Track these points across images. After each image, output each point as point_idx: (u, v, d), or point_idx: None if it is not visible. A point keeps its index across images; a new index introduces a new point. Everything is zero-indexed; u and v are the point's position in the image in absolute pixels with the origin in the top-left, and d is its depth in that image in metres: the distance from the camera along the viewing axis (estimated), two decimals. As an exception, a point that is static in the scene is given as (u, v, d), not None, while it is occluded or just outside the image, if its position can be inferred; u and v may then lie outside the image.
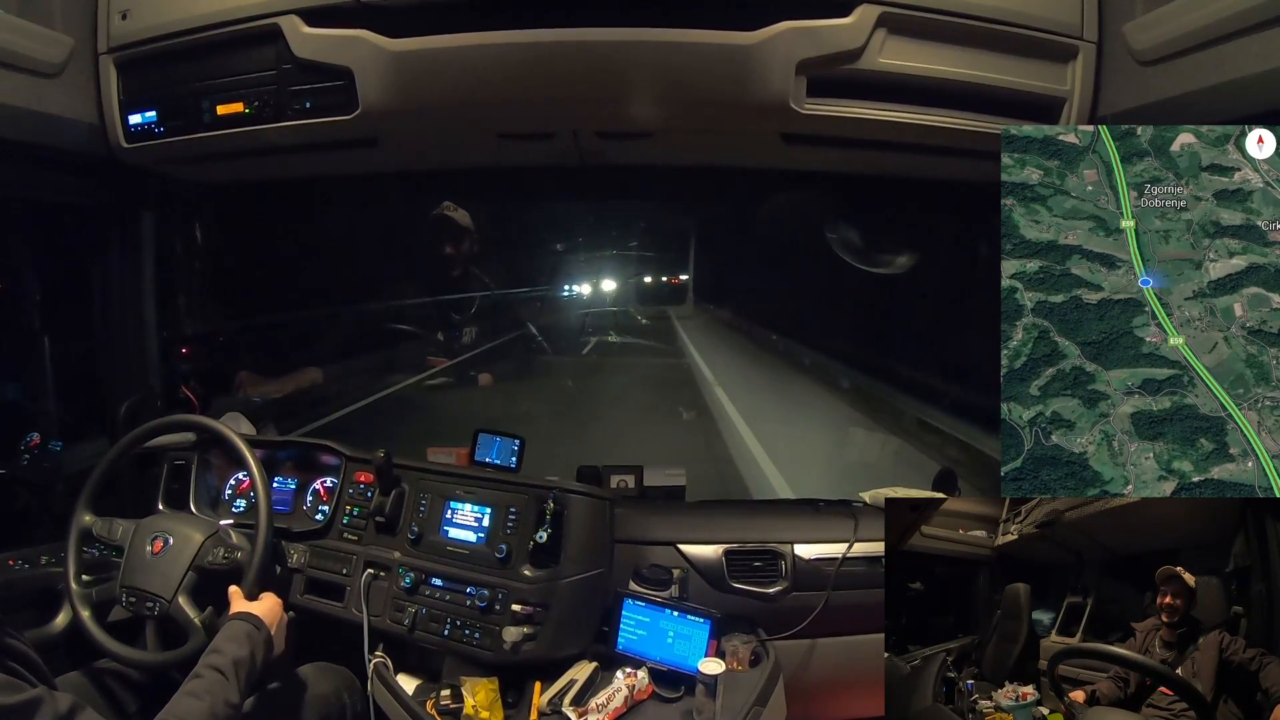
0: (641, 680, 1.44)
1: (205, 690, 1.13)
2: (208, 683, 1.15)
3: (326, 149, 1.74)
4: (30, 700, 0.92)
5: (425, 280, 3.09)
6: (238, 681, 1.18)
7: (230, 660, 1.19)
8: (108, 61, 1.66)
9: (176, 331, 2.18)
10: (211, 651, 1.22)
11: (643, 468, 2.02)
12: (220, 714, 1.12)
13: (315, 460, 1.79)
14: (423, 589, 1.55)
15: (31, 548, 1.66)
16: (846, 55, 1.46)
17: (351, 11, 1.49)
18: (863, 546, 1.68)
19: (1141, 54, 1.42)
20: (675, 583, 1.62)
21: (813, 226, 2.68)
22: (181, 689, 1.14)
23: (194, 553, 1.46)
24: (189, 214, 2.24)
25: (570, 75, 1.47)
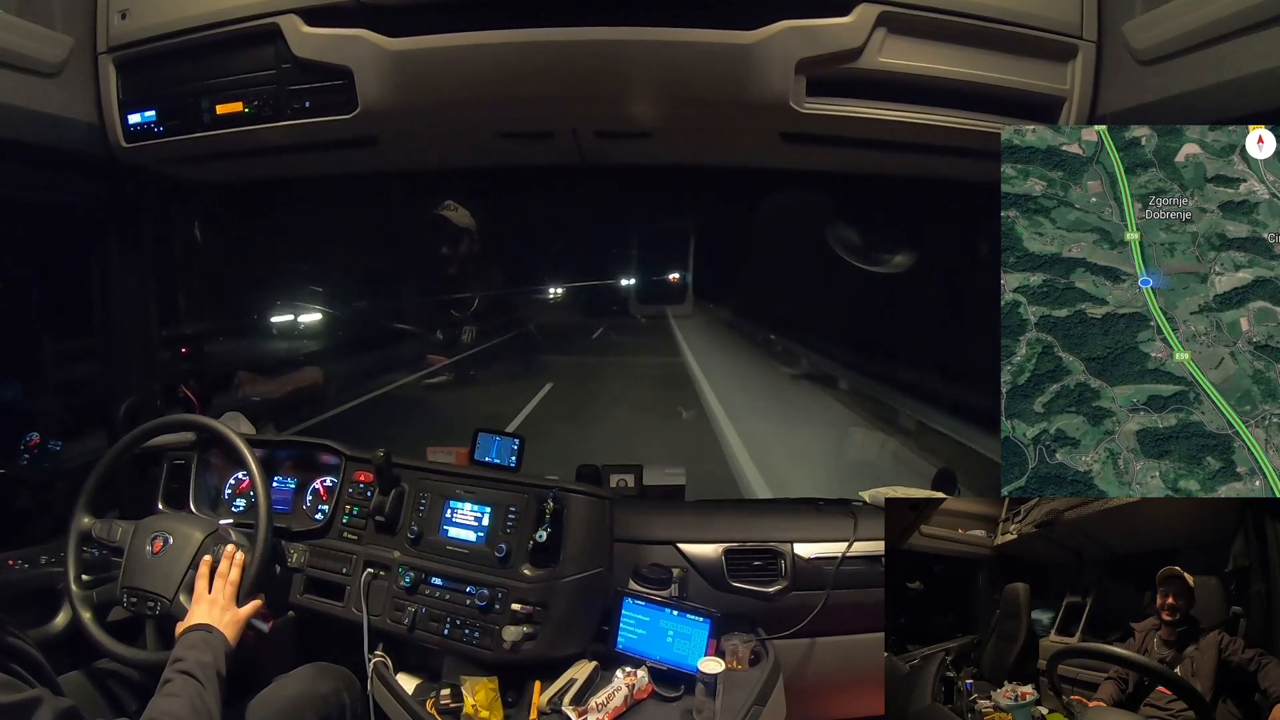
0: (641, 679, 1.44)
1: (180, 690, 1.17)
2: (179, 685, 1.18)
3: (326, 148, 1.74)
4: (29, 700, 0.92)
5: (424, 279, 3.10)
6: (206, 680, 1.21)
7: (195, 663, 1.22)
8: (107, 61, 1.65)
9: (176, 331, 2.18)
10: (174, 660, 1.24)
11: (642, 467, 2.02)
12: (200, 710, 1.15)
13: (315, 460, 1.79)
14: (422, 588, 1.55)
15: (31, 548, 1.66)
16: (846, 54, 1.46)
17: (351, 11, 1.49)
18: (862, 546, 1.69)
19: (1141, 53, 1.42)
20: (675, 582, 1.62)
21: (812, 226, 2.68)
22: (155, 694, 1.18)
23: (194, 551, 1.46)
24: (189, 214, 2.24)
25: (570, 75, 1.47)
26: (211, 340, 2.34)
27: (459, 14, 1.43)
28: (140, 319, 2.00)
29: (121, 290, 1.96)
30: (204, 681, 1.20)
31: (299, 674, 1.50)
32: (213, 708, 1.19)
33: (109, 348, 1.98)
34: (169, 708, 1.14)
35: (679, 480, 2.03)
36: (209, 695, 1.19)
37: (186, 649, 1.26)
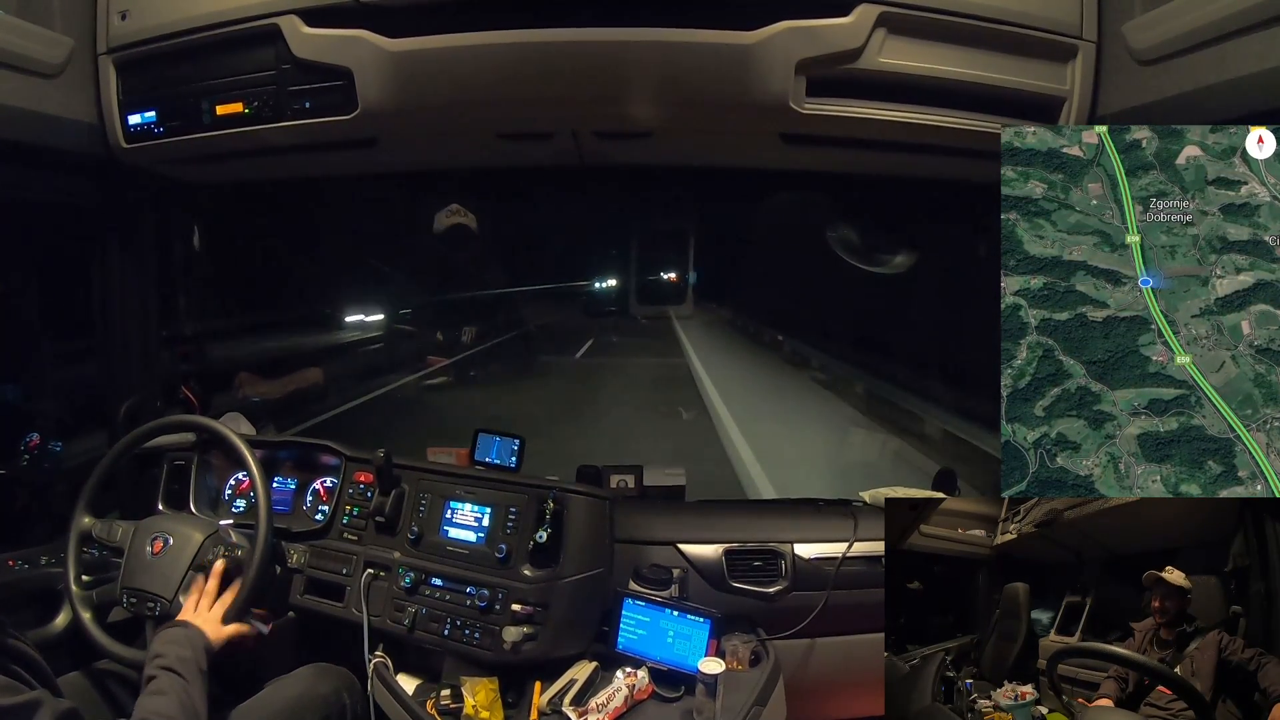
0: (641, 680, 1.44)
1: (167, 687, 1.17)
2: (165, 682, 1.18)
3: (326, 149, 1.74)
4: (29, 702, 0.92)
5: (423, 279, 3.10)
6: (190, 675, 1.21)
7: (175, 658, 1.22)
8: (107, 62, 1.65)
9: (176, 331, 2.18)
10: (154, 657, 1.24)
11: (642, 467, 2.02)
12: (187, 705, 1.15)
13: (315, 460, 1.79)
14: (423, 589, 1.55)
15: (31, 548, 1.66)
16: (846, 55, 1.46)
17: (351, 11, 1.49)
18: (862, 546, 1.69)
19: (1141, 53, 1.42)
20: (675, 582, 1.62)
21: (812, 226, 2.69)
22: (142, 694, 1.17)
23: (194, 552, 1.46)
24: (189, 214, 2.24)
25: (570, 75, 1.47)
26: (211, 341, 2.34)
27: (459, 14, 1.43)
28: (140, 319, 2.00)
29: (121, 290, 1.96)
30: (187, 677, 1.20)
31: (299, 675, 1.50)
32: (199, 704, 1.18)
33: (109, 348, 1.97)
34: (158, 706, 1.14)
35: (679, 481, 2.03)
36: (194, 690, 1.19)
37: (165, 644, 1.26)
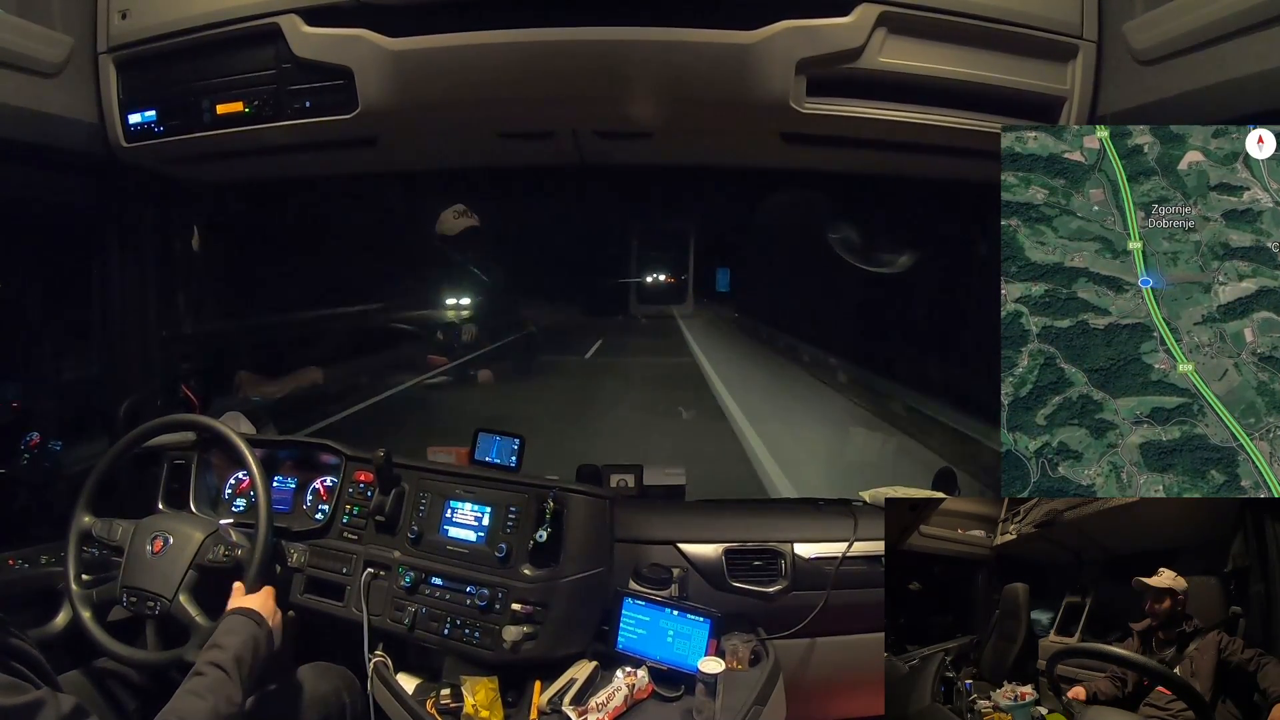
0: (641, 679, 1.44)
1: (207, 689, 1.12)
2: (210, 680, 1.14)
3: (326, 148, 1.74)
4: (33, 702, 0.91)
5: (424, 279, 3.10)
6: (240, 678, 1.17)
7: (232, 656, 1.18)
8: (107, 61, 1.66)
9: (176, 331, 2.18)
10: (212, 647, 1.21)
11: (642, 467, 2.02)
12: (223, 712, 1.11)
13: (315, 459, 1.79)
14: (422, 588, 1.55)
15: (31, 548, 1.66)
16: (846, 54, 1.46)
17: (351, 11, 1.49)
18: (862, 546, 1.69)
19: (1141, 53, 1.42)
20: (675, 582, 1.62)
21: (813, 226, 2.69)
22: (183, 687, 1.13)
23: (194, 551, 1.46)
24: (189, 214, 2.24)
25: (570, 75, 1.47)
26: (211, 340, 2.34)
27: (459, 14, 1.44)
28: (140, 319, 2.00)
29: (121, 290, 1.96)
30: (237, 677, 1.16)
31: (299, 674, 1.51)
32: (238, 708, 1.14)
33: (109, 348, 1.98)
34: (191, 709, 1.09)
35: (679, 480, 2.03)
36: (236, 693, 1.14)
37: (228, 634, 1.22)
